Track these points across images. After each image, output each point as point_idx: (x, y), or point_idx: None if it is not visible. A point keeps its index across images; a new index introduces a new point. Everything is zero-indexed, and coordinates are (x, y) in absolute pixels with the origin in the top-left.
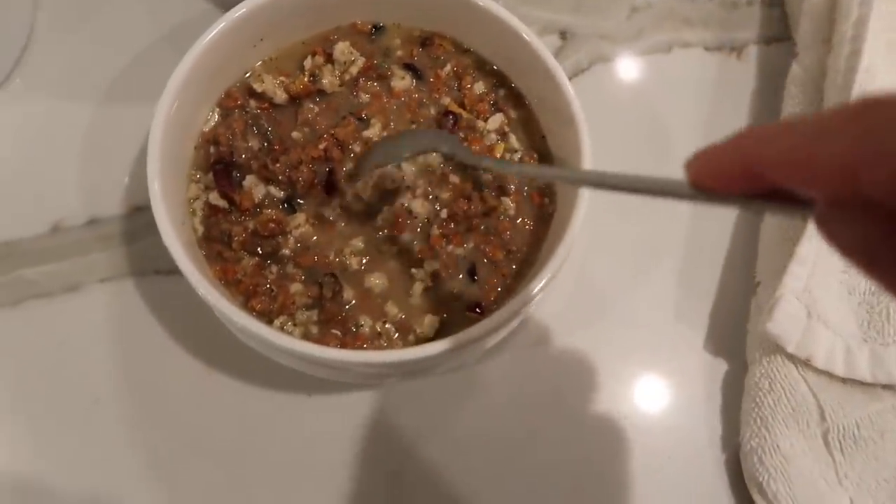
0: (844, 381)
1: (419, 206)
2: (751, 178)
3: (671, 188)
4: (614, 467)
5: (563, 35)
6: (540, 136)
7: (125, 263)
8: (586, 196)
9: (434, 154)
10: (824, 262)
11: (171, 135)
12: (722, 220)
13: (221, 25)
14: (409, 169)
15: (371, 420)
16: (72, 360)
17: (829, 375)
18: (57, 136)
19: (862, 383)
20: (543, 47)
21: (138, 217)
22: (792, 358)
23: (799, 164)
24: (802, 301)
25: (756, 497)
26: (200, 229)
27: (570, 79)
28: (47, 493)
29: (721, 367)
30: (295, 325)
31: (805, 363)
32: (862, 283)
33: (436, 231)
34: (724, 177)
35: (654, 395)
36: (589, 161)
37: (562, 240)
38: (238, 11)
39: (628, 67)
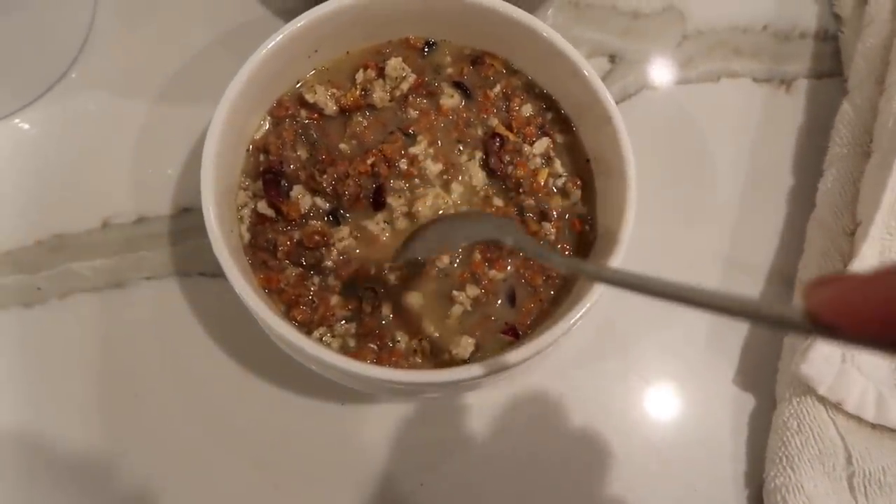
0: (874, 426)
1: None
2: None
3: (778, 317)
4: (637, 495)
5: (612, 59)
6: (584, 161)
7: (171, 263)
8: (629, 230)
9: (480, 175)
10: None
11: (225, 143)
12: (761, 253)
13: (281, 36)
14: (457, 189)
15: (400, 432)
16: (114, 355)
17: (859, 420)
18: (111, 133)
19: (891, 430)
20: (593, 72)
21: (185, 218)
22: (822, 400)
23: None
24: None
25: None
26: (247, 236)
27: (616, 104)
28: (85, 484)
29: (749, 402)
30: (333, 336)
31: (835, 406)
32: None
33: (477, 256)
34: (859, 317)
35: (681, 425)
36: (633, 188)
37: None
38: (300, 22)
39: (675, 95)
